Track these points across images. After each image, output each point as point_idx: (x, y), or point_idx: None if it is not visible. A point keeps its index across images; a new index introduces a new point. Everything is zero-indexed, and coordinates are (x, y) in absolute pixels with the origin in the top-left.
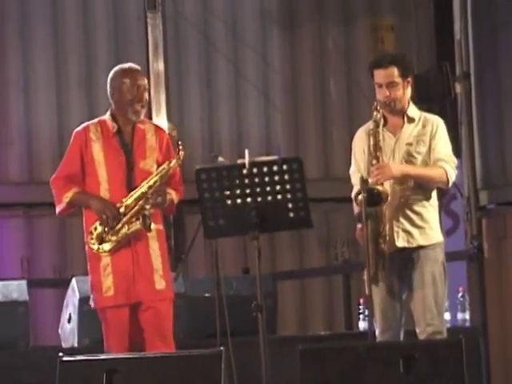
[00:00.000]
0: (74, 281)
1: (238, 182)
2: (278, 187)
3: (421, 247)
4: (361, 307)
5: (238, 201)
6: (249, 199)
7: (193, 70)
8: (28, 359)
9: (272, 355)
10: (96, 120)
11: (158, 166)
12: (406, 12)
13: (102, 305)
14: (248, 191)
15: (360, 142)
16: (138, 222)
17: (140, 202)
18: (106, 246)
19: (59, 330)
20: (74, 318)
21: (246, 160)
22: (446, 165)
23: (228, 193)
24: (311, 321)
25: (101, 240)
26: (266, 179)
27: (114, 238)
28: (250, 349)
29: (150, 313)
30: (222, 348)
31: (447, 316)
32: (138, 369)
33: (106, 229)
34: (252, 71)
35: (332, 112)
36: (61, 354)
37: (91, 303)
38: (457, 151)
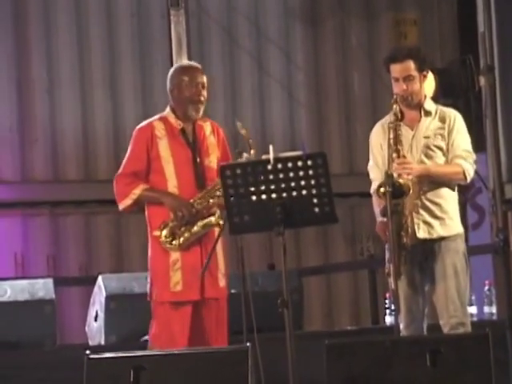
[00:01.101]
0: (100, 278)
1: (262, 177)
2: (302, 182)
3: (441, 238)
4: (387, 301)
5: (263, 197)
6: (274, 195)
7: (216, 67)
8: (55, 358)
9: (298, 351)
10: (157, 117)
11: (218, 163)
12: (429, 6)
13: (168, 299)
14: (273, 187)
15: (377, 136)
16: (212, 219)
17: (211, 200)
18: (178, 242)
19: (86, 328)
20: (101, 315)
21: (271, 156)
22: (464, 162)
23: (253, 189)
24: (337, 316)
25: (173, 236)
26: (291, 175)
27: (186, 235)
28: (277, 345)
29: (213, 309)
30: (248, 344)
31: (474, 310)
32: (164, 365)
33: (179, 225)
34: (275, 67)
35: (355, 107)
36: (88, 351)
37: (149, 296)
38: (481, 145)
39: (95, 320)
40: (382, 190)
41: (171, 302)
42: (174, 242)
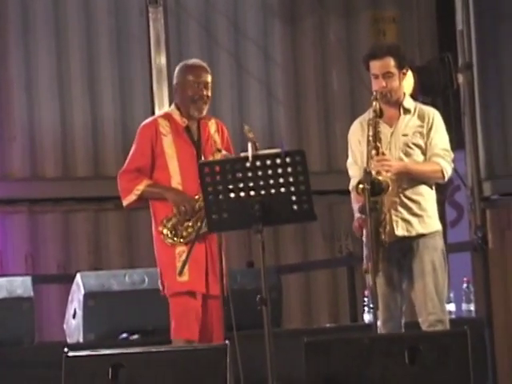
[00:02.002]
0: (78, 276)
1: (241, 175)
2: (281, 180)
3: (420, 236)
4: (365, 299)
5: (242, 194)
6: (252, 192)
7: None
8: (33, 355)
9: (277, 348)
10: (162, 113)
11: None
12: (408, 4)
13: (178, 289)
14: (251, 184)
15: (355, 133)
16: None
17: None
18: (181, 237)
19: (64, 326)
20: (79, 313)
21: (249, 153)
22: (443, 160)
23: (231, 186)
24: (316, 313)
25: (175, 231)
26: (269, 172)
27: (189, 230)
28: (256, 342)
29: (214, 306)
30: (227, 342)
31: (452, 307)
32: (143, 363)
33: (182, 220)
34: (254, 64)
35: (334, 104)
36: (66, 349)
37: (162, 290)
38: (460, 142)
39: (73, 318)
40: (360, 186)
41: (183, 293)
42: (176, 238)
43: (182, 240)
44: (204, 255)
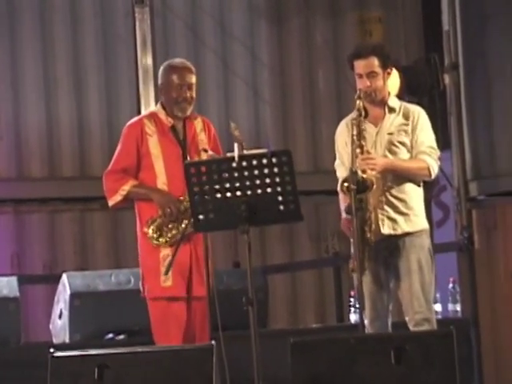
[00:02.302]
0: (64, 276)
1: (227, 175)
2: (267, 180)
3: (406, 234)
4: (352, 299)
5: (228, 194)
6: (238, 193)
7: None
8: (19, 355)
9: (263, 349)
10: (147, 113)
11: None
12: (394, 4)
13: (160, 294)
14: (237, 185)
15: (341, 134)
16: None
17: None
18: (165, 239)
19: (50, 326)
20: (65, 313)
21: (236, 153)
22: (428, 158)
23: (217, 186)
24: (302, 314)
25: (160, 232)
26: (256, 172)
27: (174, 232)
28: (242, 342)
29: (199, 307)
30: (213, 342)
31: (438, 307)
32: (129, 364)
33: (167, 221)
34: (240, 65)
35: (320, 105)
36: (52, 349)
37: (143, 293)
38: (446, 143)
39: (59, 318)
40: (345, 184)
41: (164, 298)
42: (160, 239)
43: (166, 241)
44: (188, 256)
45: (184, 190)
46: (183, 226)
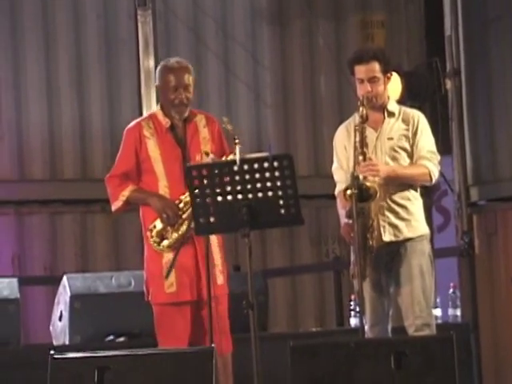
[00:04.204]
0: (65, 278)
1: (228, 178)
2: (268, 184)
3: (407, 240)
4: (352, 304)
5: (229, 198)
6: (239, 196)
7: None
8: (19, 357)
9: (263, 352)
10: (147, 115)
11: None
12: (396, 8)
13: (164, 300)
14: (239, 188)
15: (341, 138)
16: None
17: None
18: (167, 243)
19: (50, 328)
20: (65, 315)
21: (237, 157)
22: (429, 163)
23: (219, 190)
24: (302, 318)
25: (161, 237)
26: (257, 176)
27: (174, 236)
28: (242, 346)
29: (212, 308)
30: (213, 345)
31: (438, 312)
32: (129, 366)
33: (166, 226)
34: (242, 68)
35: (322, 109)
36: (52, 351)
37: (147, 296)
38: (447, 148)
39: (60, 320)
40: (348, 192)
41: (168, 304)
42: (162, 244)
43: (169, 246)
44: (193, 259)
45: (185, 190)
46: (183, 229)
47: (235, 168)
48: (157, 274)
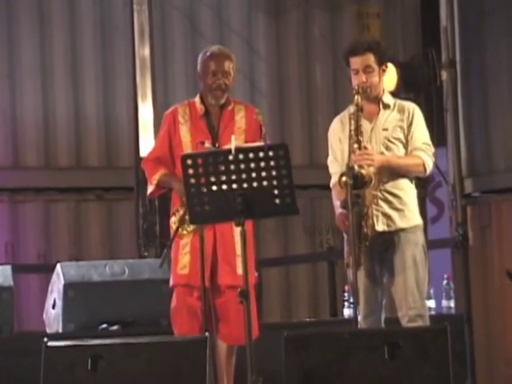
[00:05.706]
0: (58, 266)
1: (223, 168)
2: (263, 173)
3: (401, 230)
4: (345, 294)
5: (224, 187)
6: (234, 185)
7: (178, 56)
8: (12, 345)
9: (257, 342)
10: (186, 102)
11: None
12: None
13: (176, 282)
14: (234, 177)
15: (335, 130)
16: None
17: None
18: (186, 228)
19: (44, 316)
20: (59, 303)
21: (232, 146)
22: (424, 154)
23: (214, 179)
24: (296, 308)
25: (182, 222)
26: (252, 165)
27: None
28: None
29: (228, 297)
30: (207, 334)
31: (432, 303)
32: (122, 354)
33: (185, 211)
34: (238, 57)
35: (317, 99)
36: (45, 339)
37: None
38: (442, 139)
39: (53, 308)
40: (343, 179)
41: (181, 286)
42: (181, 229)
43: (187, 230)
44: (211, 244)
45: None
46: None
47: (230, 157)
48: (174, 256)
